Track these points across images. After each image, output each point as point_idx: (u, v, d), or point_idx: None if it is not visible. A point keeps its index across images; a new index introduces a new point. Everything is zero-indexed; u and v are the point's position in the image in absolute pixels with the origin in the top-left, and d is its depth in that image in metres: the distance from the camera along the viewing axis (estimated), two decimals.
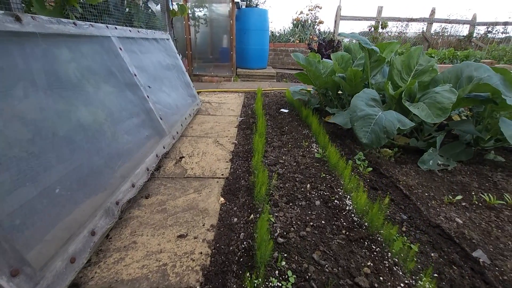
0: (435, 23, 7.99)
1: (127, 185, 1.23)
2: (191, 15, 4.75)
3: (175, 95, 2.35)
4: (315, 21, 7.53)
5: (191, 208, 1.27)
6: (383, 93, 2.14)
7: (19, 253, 0.72)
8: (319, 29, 7.72)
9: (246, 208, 1.27)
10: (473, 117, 2.04)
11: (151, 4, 2.66)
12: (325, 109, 2.62)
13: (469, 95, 1.71)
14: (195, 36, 5.03)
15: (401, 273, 0.92)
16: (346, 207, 1.27)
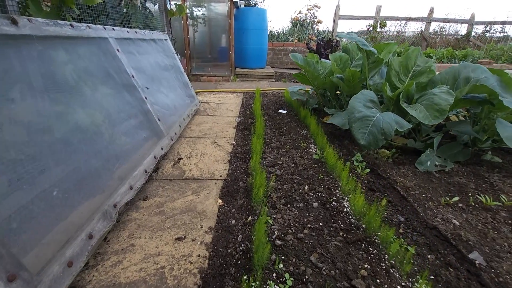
0: (433, 23, 8.01)
1: (125, 188, 1.23)
2: (189, 15, 4.73)
3: (173, 96, 2.34)
4: (314, 20, 7.53)
5: (189, 210, 1.27)
6: (381, 94, 2.14)
7: (16, 257, 0.72)
8: (317, 28, 7.71)
9: (244, 210, 1.27)
10: (470, 118, 2.05)
11: (149, 4, 2.65)
12: (324, 109, 2.63)
13: (466, 96, 1.72)
14: (194, 35, 5.01)
15: (397, 276, 0.92)
16: (344, 209, 1.28)
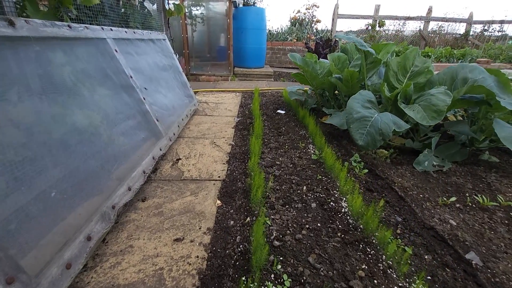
0: (432, 22, 8.02)
1: (123, 189, 1.23)
2: (188, 14, 4.72)
3: (172, 96, 2.34)
4: (313, 20, 7.52)
5: (187, 211, 1.27)
6: (379, 94, 2.15)
7: (14, 260, 0.72)
8: (316, 28, 7.71)
9: (242, 210, 1.28)
10: (468, 118, 2.06)
11: (147, 4, 2.64)
12: (322, 109, 2.63)
13: (464, 96, 1.72)
14: (192, 35, 5.00)
15: (395, 276, 0.93)
16: (342, 209, 1.28)
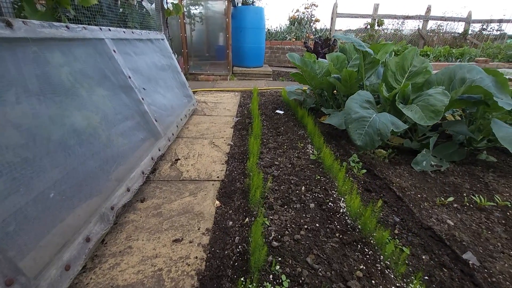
0: (430, 21, 8.02)
1: (122, 190, 1.23)
2: (186, 13, 4.71)
3: (170, 96, 2.34)
4: (311, 19, 7.51)
5: (186, 211, 1.27)
6: (377, 94, 2.15)
7: (13, 262, 0.73)
8: (315, 27, 7.70)
9: (241, 211, 1.28)
10: (466, 118, 2.07)
11: (145, 3, 2.64)
12: (321, 109, 2.64)
13: (461, 96, 1.73)
14: (191, 34, 4.99)
15: (392, 276, 0.94)
16: (340, 209, 1.29)
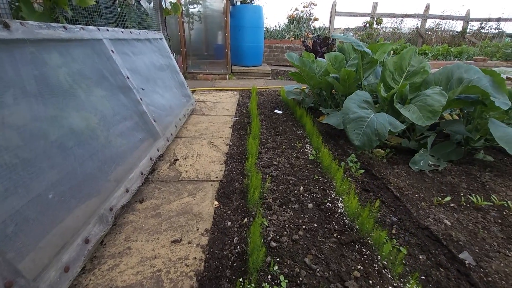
0: (429, 19, 8.02)
1: (121, 191, 1.23)
2: (185, 12, 4.70)
3: (169, 96, 2.34)
4: (310, 18, 7.50)
5: (185, 212, 1.28)
6: (376, 94, 2.16)
7: (12, 264, 0.73)
8: (314, 26, 7.69)
9: (240, 211, 1.29)
10: (463, 117, 2.08)
11: (143, 2, 2.63)
12: (319, 109, 2.64)
13: (459, 96, 1.74)
14: (189, 33, 4.98)
15: (389, 276, 0.95)
16: (338, 209, 1.30)
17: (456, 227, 1.19)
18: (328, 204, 1.34)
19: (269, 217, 1.23)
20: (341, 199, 1.38)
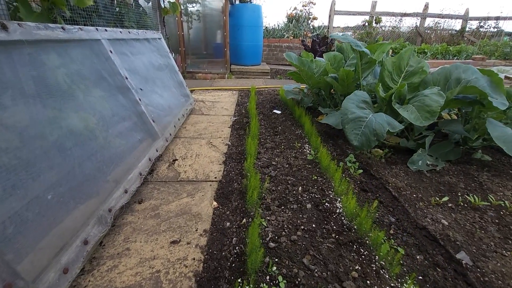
0: (428, 18, 8.03)
1: (120, 191, 1.23)
2: (183, 11, 4.68)
3: (168, 96, 2.34)
4: (309, 17, 7.49)
5: (184, 212, 1.28)
6: (374, 94, 2.16)
7: (11, 266, 0.73)
8: (313, 24, 7.69)
9: (238, 212, 1.29)
10: (461, 117, 2.09)
11: (142, 2, 2.62)
12: (318, 108, 2.64)
13: (457, 96, 1.74)
14: (188, 32, 4.97)
15: (387, 276, 0.95)
16: (337, 210, 1.30)
17: (453, 227, 1.20)
18: (326, 204, 1.34)
19: (268, 218, 1.23)
20: (339, 199, 1.38)
